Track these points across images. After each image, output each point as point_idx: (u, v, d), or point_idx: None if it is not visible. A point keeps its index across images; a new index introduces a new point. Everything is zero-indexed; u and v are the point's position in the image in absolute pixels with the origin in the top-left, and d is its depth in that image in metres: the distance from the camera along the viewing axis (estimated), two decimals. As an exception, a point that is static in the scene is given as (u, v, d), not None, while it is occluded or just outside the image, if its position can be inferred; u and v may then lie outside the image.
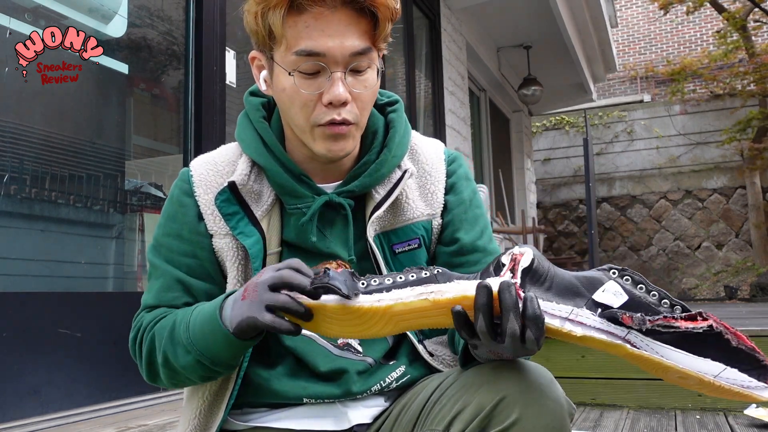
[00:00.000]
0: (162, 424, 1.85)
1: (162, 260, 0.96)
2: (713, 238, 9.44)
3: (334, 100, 0.87)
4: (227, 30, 2.84)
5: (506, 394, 0.76)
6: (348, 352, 0.95)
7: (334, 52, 0.86)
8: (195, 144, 2.63)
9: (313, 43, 0.85)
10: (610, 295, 0.74)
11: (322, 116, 0.88)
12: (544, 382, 0.78)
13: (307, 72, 0.87)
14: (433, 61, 5.18)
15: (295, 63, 0.87)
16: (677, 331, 0.71)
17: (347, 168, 0.98)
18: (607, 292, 0.74)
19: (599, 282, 0.75)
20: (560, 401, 0.77)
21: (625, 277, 0.75)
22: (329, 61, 0.86)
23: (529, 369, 0.79)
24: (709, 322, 0.71)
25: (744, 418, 2.36)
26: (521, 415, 0.75)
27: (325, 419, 0.93)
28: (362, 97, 0.90)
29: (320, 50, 0.86)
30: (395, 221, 0.99)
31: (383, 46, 0.92)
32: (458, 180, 1.04)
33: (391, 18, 0.89)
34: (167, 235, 0.97)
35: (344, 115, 0.88)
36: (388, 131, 1.01)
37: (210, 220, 0.96)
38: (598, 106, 10.59)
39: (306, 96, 0.88)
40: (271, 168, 0.95)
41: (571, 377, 2.73)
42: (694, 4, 9.35)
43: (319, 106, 0.88)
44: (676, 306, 0.73)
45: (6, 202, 2.03)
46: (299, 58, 0.86)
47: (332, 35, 0.85)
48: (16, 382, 1.87)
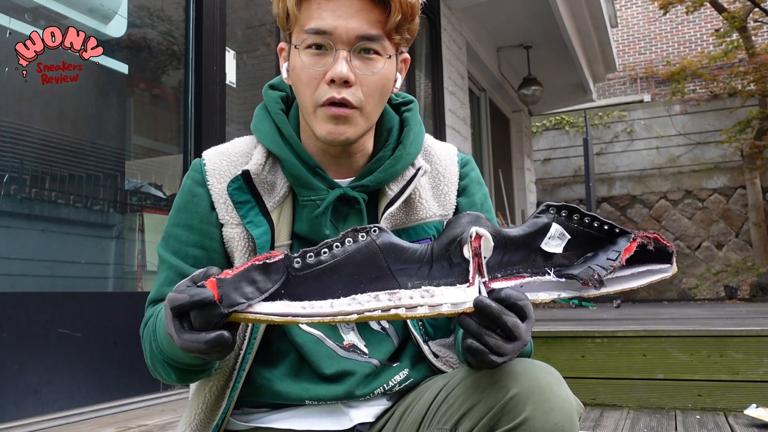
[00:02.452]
0: (162, 424, 1.85)
1: (170, 253, 0.96)
2: (713, 238, 9.44)
3: (336, 77, 0.88)
4: (227, 30, 2.84)
5: (516, 392, 0.76)
6: (354, 353, 0.95)
7: (341, 31, 0.88)
8: (195, 144, 2.63)
9: (322, 22, 0.88)
10: (555, 241, 0.82)
11: (323, 94, 0.89)
12: (553, 381, 0.78)
13: (315, 47, 0.89)
14: (433, 61, 5.18)
15: (305, 40, 0.90)
16: (622, 266, 0.81)
17: (361, 164, 0.99)
18: (552, 239, 0.82)
19: (545, 228, 0.82)
20: (569, 400, 0.78)
21: (563, 210, 0.83)
22: (335, 39, 0.88)
23: (538, 368, 0.79)
24: (638, 242, 0.82)
25: (744, 418, 2.36)
26: (531, 414, 0.75)
27: (327, 419, 0.93)
28: (367, 81, 0.90)
29: (327, 28, 0.88)
30: (408, 220, 0.99)
31: (400, 41, 0.93)
32: (471, 183, 1.05)
33: (404, 11, 0.90)
34: (176, 226, 0.97)
35: (344, 95, 0.88)
36: (403, 129, 1.01)
37: (222, 209, 0.96)
38: (598, 106, 10.59)
39: (311, 73, 0.90)
40: (286, 159, 0.96)
41: (571, 377, 2.73)
42: (694, 4, 9.34)
43: (323, 84, 0.89)
44: (604, 225, 0.83)
45: (6, 202, 2.03)
46: (308, 35, 0.89)
47: (341, 16, 0.88)
48: (16, 382, 1.87)
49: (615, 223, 0.84)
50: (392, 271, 0.75)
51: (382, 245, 0.76)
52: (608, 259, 0.81)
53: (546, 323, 3.41)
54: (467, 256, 0.77)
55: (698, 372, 2.60)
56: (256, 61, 3.49)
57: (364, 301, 0.71)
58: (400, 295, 0.72)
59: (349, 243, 0.74)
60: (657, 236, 0.82)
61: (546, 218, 0.82)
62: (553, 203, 0.83)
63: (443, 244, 0.78)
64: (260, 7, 3.50)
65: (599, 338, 2.76)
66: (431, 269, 0.77)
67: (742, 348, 2.56)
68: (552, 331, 2.85)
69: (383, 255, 0.75)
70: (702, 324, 2.95)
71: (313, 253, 0.73)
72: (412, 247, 0.78)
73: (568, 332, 2.82)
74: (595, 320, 3.84)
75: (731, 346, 2.57)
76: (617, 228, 0.83)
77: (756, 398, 2.47)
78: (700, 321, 3.35)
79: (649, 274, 0.83)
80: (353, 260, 0.74)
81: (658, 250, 0.82)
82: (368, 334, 0.97)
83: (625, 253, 0.81)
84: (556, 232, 0.82)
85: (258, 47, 3.59)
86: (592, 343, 2.76)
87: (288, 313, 0.70)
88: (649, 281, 0.83)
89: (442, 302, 0.73)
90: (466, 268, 0.76)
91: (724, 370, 2.56)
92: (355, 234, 0.75)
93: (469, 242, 0.77)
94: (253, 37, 3.55)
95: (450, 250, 0.78)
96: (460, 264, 0.77)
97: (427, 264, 0.77)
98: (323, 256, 0.73)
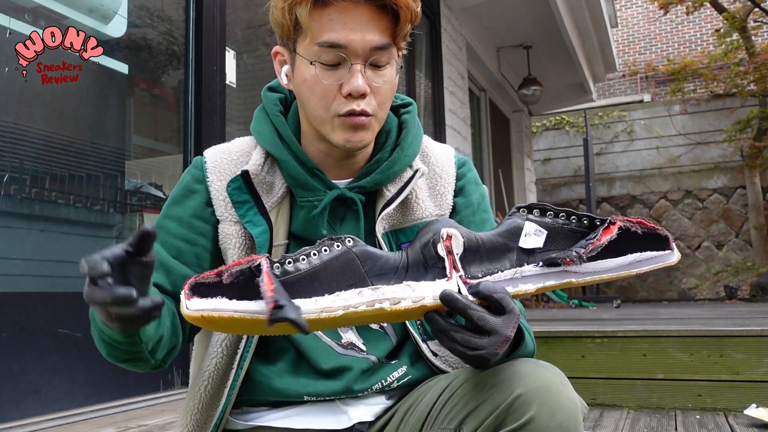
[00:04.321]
0: (162, 424, 1.85)
1: (157, 242, 0.96)
2: (713, 238, 9.44)
3: (354, 91, 0.89)
4: (227, 30, 2.84)
5: (521, 392, 0.76)
6: (352, 350, 0.95)
7: (356, 45, 0.88)
8: (195, 144, 2.63)
9: (335, 35, 0.88)
10: (532, 237, 0.82)
11: (342, 107, 0.90)
12: (558, 381, 0.78)
13: (329, 63, 0.90)
14: (433, 61, 5.17)
15: (317, 54, 0.90)
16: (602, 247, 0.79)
17: (360, 166, 1.00)
18: (529, 236, 0.82)
19: (518, 228, 0.82)
20: (574, 400, 0.78)
21: (534, 210, 0.83)
22: (350, 53, 0.89)
23: (542, 368, 0.80)
24: (618, 225, 0.80)
25: (744, 418, 2.36)
26: (536, 413, 0.75)
27: (326, 418, 0.93)
28: (381, 91, 0.92)
29: (342, 42, 0.88)
30: (404, 220, 1.00)
31: (403, 45, 0.95)
32: (467, 183, 1.06)
33: (412, 19, 0.91)
34: (167, 218, 0.99)
35: (363, 107, 0.90)
36: (401, 131, 1.02)
37: (221, 206, 0.97)
38: (598, 106, 10.59)
39: (326, 86, 0.90)
40: (285, 160, 0.96)
41: (571, 377, 2.72)
42: (694, 4, 9.35)
43: (339, 96, 0.90)
44: (583, 218, 0.83)
45: (6, 202, 2.03)
46: (321, 49, 0.89)
47: (354, 29, 0.88)
48: (16, 382, 1.87)
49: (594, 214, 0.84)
50: (369, 277, 0.76)
51: (359, 253, 0.77)
52: (587, 240, 0.80)
53: (546, 323, 3.41)
54: (441, 254, 0.78)
55: (698, 372, 2.60)
56: (256, 61, 3.48)
57: (349, 297, 0.72)
58: (383, 290, 0.73)
59: (325, 251, 0.76)
60: (641, 220, 0.81)
61: (518, 218, 0.83)
62: (521, 204, 0.84)
63: (417, 248, 0.80)
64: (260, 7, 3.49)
65: (599, 338, 2.76)
66: (407, 274, 0.78)
67: (742, 348, 2.56)
68: (552, 331, 2.85)
69: (360, 262, 0.77)
70: (702, 324, 2.95)
71: (291, 260, 0.75)
72: (386, 255, 0.79)
73: (568, 332, 2.82)
74: (595, 320, 3.84)
75: (731, 346, 2.57)
76: (597, 219, 0.83)
77: (756, 398, 2.47)
78: (700, 321, 3.35)
79: (650, 261, 0.81)
80: (331, 267, 0.75)
81: (649, 235, 0.81)
82: (366, 332, 0.97)
83: (605, 232, 0.80)
84: (530, 229, 0.82)
85: (258, 47, 3.59)
86: (592, 343, 2.76)
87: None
88: (651, 268, 0.81)
89: (424, 295, 0.74)
90: (442, 267, 0.78)
91: (724, 370, 2.56)
92: (331, 243, 0.77)
93: (441, 241, 0.79)
94: (253, 37, 3.55)
95: (424, 253, 0.79)
96: (435, 265, 0.79)
97: (402, 269, 0.78)
98: (301, 263, 0.75)
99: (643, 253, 0.81)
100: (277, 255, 0.94)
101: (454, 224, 0.81)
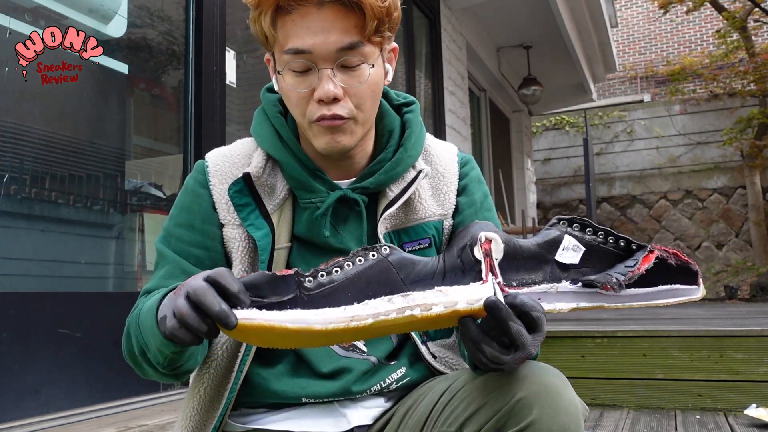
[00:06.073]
0: (162, 424, 1.85)
1: (171, 250, 0.96)
2: (713, 238, 9.44)
3: (323, 97, 0.87)
4: (227, 30, 2.84)
5: (523, 395, 0.76)
6: (353, 352, 0.95)
7: (319, 48, 0.86)
8: (195, 144, 2.63)
9: (300, 41, 0.86)
10: (570, 252, 0.80)
11: (314, 112, 0.89)
12: (560, 384, 0.78)
13: (298, 70, 0.88)
14: (433, 61, 5.17)
15: (287, 61, 0.88)
16: (639, 276, 0.78)
17: (361, 166, 0.99)
18: (567, 250, 0.80)
19: (557, 241, 0.80)
20: (575, 402, 0.78)
21: (575, 224, 0.81)
22: (316, 57, 0.87)
23: (544, 371, 0.79)
24: (656, 254, 0.79)
25: (744, 418, 2.36)
26: (537, 416, 0.75)
27: (325, 420, 0.93)
28: (356, 92, 0.89)
29: (306, 47, 0.86)
30: (407, 220, 0.99)
31: (381, 40, 0.90)
32: (470, 182, 1.05)
33: (378, 14, 0.87)
34: (179, 226, 0.97)
35: (335, 111, 0.88)
36: (404, 131, 1.01)
37: (224, 209, 0.96)
38: (598, 106, 10.59)
39: (299, 94, 0.89)
40: (286, 162, 0.96)
41: (571, 377, 2.72)
42: (694, 4, 9.34)
43: (312, 103, 0.89)
44: (620, 240, 0.81)
45: (6, 202, 2.03)
46: (289, 56, 0.88)
47: (317, 32, 0.86)
48: (16, 382, 1.87)
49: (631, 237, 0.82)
50: (406, 284, 0.75)
51: (394, 261, 0.76)
52: (626, 266, 0.78)
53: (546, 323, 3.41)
54: (478, 257, 0.77)
55: (698, 372, 2.60)
56: (256, 61, 3.48)
57: (378, 305, 0.70)
58: (414, 296, 0.71)
59: (360, 261, 0.75)
60: (677, 252, 0.79)
61: (557, 231, 0.81)
62: (564, 216, 0.82)
63: (454, 253, 0.78)
64: (260, 7, 3.49)
65: (599, 338, 2.76)
66: (444, 279, 0.76)
67: (742, 348, 2.56)
68: (552, 331, 2.85)
69: (395, 269, 0.75)
70: (702, 324, 2.95)
71: (324, 272, 0.73)
72: (423, 260, 0.77)
73: (568, 332, 2.82)
74: (595, 320, 3.84)
75: (731, 346, 2.57)
76: (634, 243, 0.81)
77: (756, 398, 2.47)
78: (700, 321, 3.35)
79: (675, 293, 0.79)
80: (366, 276, 0.74)
81: (680, 268, 0.79)
82: None
83: (644, 261, 0.78)
84: (569, 244, 0.80)
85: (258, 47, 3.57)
86: (592, 343, 2.76)
87: (301, 319, 0.68)
88: (675, 301, 0.79)
89: (457, 300, 0.71)
90: (479, 270, 0.76)
91: (724, 370, 2.56)
92: (366, 252, 0.75)
93: (479, 244, 0.77)
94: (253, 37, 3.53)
95: (461, 257, 0.77)
96: (473, 268, 0.77)
97: (440, 275, 0.77)
98: (335, 275, 0.73)
99: (672, 285, 0.79)
100: (280, 258, 0.94)
101: (493, 227, 0.80)
